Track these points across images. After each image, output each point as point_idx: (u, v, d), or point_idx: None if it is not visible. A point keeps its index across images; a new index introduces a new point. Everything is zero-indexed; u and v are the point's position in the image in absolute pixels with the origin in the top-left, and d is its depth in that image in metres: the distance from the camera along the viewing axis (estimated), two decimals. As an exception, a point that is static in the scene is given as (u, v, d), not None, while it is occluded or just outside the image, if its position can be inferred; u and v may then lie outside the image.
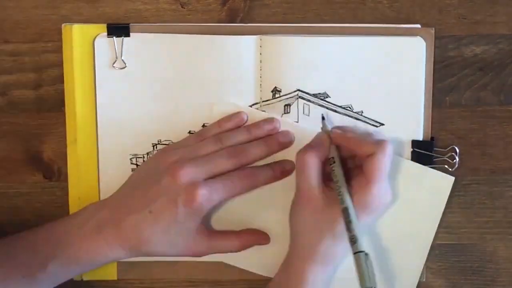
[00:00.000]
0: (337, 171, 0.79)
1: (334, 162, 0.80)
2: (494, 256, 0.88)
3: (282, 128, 0.84)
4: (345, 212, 0.77)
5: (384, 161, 0.77)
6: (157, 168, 0.80)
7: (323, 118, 0.84)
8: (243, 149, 0.82)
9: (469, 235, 0.88)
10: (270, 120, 0.84)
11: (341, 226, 0.77)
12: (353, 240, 0.75)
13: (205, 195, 0.77)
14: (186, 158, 0.80)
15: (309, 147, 0.80)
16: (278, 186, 0.83)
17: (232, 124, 0.84)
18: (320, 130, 0.83)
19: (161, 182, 0.78)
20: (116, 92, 0.85)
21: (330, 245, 0.79)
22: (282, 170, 0.84)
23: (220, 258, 0.86)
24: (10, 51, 0.85)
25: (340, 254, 0.80)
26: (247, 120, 0.85)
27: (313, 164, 0.79)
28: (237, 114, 0.85)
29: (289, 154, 0.83)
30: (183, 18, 0.85)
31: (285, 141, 0.84)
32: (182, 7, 0.85)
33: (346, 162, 0.81)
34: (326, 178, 0.81)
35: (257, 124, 0.84)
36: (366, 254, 0.75)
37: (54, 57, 0.85)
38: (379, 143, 0.77)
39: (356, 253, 0.75)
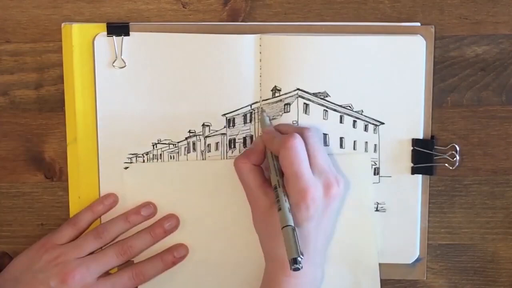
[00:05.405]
0: (271, 171, 0.80)
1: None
2: (495, 257, 0.88)
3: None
4: (275, 192, 0.78)
5: (287, 157, 0.77)
6: (41, 265, 0.82)
7: (263, 111, 0.84)
8: (129, 245, 0.84)
9: (470, 235, 0.88)
10: (146, 205, 0.86)
11: None
12: (282, 221, 0.75)
13: None
14: (71, 258, 0.82)
15: (243, 153, 0.82)
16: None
17: (105, 208, 0.86)
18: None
19: (49, 283, 0.80)
20: (116, 91, 0.85)
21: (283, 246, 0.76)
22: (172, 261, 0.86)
23: None
24: (12, 51, 0.86)
25: None
26: (118, 201, 0.86)
27: (246, 169, 0.80)
28: (108, 196, 0.86)
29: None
30: (185, 18, 0.85)
31: (171, 227, 0.86)
32: (183, 7, 0.85)
33: None
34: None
35: (135, 211, 0.86)
36: (294, 229, 0.74)
37: (55, 57, 0.85)
38: (284, 140, 0.77)
39: (284, 227, 0.75)
